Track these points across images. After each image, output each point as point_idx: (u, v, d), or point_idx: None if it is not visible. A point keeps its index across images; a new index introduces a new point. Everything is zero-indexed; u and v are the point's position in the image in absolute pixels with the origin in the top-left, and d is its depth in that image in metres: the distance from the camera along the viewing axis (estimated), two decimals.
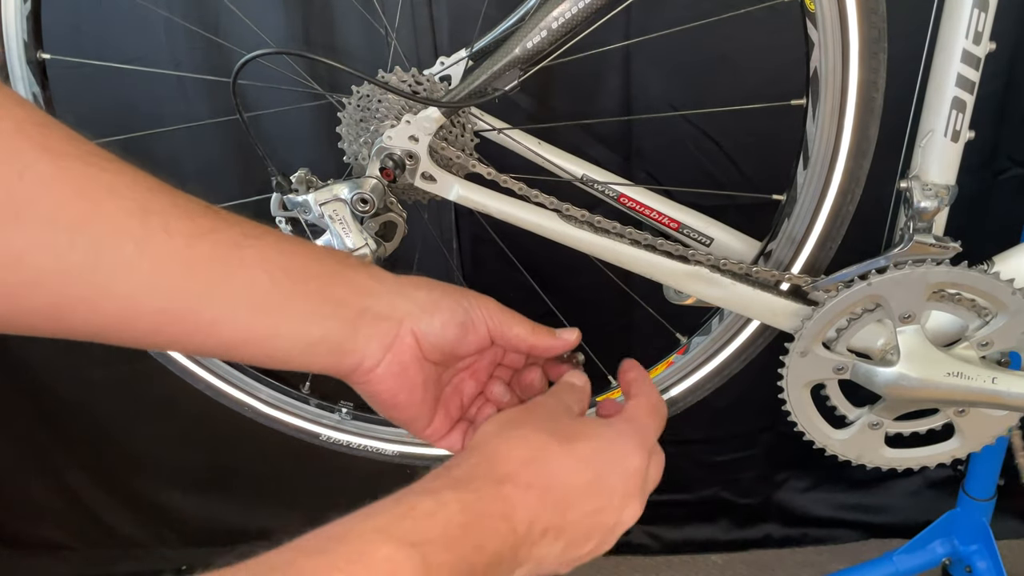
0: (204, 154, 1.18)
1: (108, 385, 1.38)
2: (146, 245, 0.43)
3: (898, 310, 0.73)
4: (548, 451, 0.49)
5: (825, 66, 0.69)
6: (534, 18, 0.68)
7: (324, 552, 0.39)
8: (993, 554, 1.21)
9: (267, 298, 0.48)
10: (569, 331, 0.59)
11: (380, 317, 0.51)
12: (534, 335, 0.58)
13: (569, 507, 0.49)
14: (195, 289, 0.45)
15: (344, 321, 0.50)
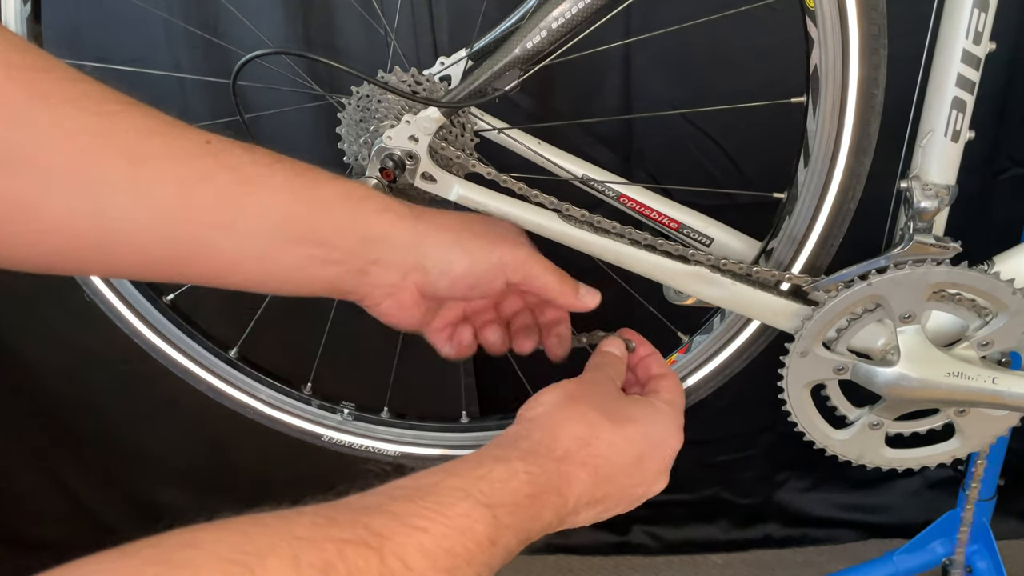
0: None
1: (108, 385, 1.38)
2: (140, 193, 0.44)
3: (898, 310, 0.73)
4: (602, 432, 0.52)
5: (825, 63, 0.69)
6: (534, 18, 0.68)
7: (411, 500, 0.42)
8: (993, 554, 1.21)
9: (271, 248, 0.48)
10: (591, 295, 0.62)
11: (389, 267, 0.52)
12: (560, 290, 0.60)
13: (612, 482, 0.53)
14: (194, 234, 0.46)
15: (352, 269, 0.51)
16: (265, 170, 0.47)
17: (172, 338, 0.87)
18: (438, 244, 0.54)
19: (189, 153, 0.45)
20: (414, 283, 0.54)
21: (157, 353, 0.88)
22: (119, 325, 0.87)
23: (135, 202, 0.44)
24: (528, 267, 0.58)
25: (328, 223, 0.49)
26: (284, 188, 0.48)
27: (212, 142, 0.46)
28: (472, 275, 0.55)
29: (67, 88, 0.42)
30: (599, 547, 1.54)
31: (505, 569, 1.46)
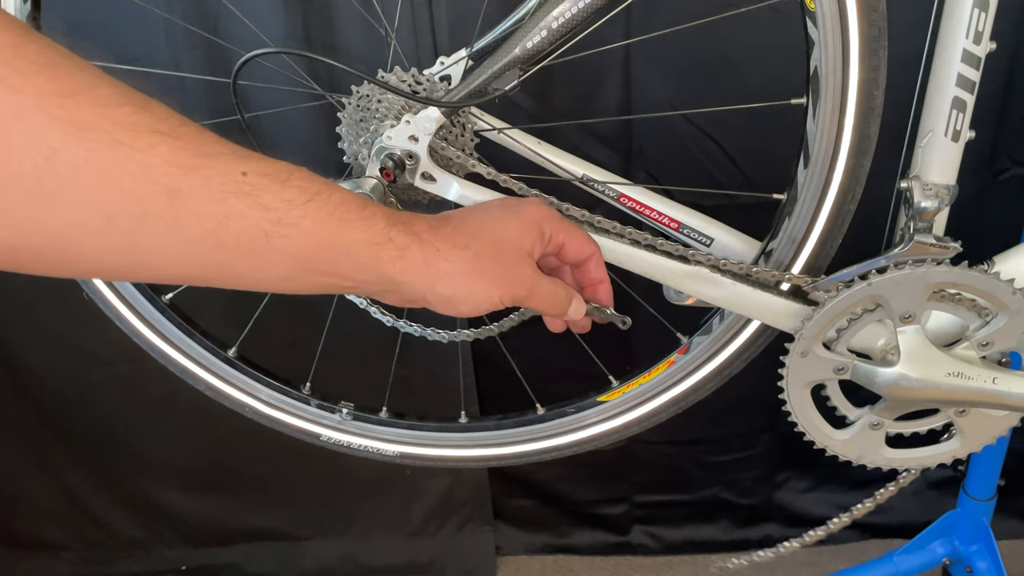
0: None
1: (108, 385, 1.38)
2: (176, 228, 0.45)
3: (898, 310, 0.73)
4: None
5: (825, 65, 0.69)
6: (534, 18, 0.68)
7: None
8: (993, 554, 1.21)
9: (291, 278, 0.51)
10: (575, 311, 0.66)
11: (397, 296, 0.57)
12: None
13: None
14: (224, 264, 0.48)
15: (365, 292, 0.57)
16: (298, 211, 0.49)
17: (171, 337, 0.87)
18: (446, 289, 0.57)
19: (227, 191, 0.46)
20: (422, 304, 0.58)
21: (156, 352, 0.88)
22: (118, 324, 0.87)
23: (168, 239, 0.45)
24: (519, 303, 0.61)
25: (348, 263, 0.52)
26: (314, 231, 0.50)
27: (249, 175, 0.47)
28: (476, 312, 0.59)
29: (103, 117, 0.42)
30: (599, 547, 1.54)
31: (505, 569, 1.47)
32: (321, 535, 1.53)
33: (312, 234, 0.50)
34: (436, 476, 1.49)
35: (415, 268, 0.55)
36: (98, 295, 0.86)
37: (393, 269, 0.54)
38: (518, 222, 0.62)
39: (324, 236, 0.50)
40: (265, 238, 0.48)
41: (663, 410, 0.86)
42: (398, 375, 1.00)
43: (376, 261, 0.53)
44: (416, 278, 0.56)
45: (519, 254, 0.61)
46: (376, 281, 0.55)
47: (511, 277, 0.60)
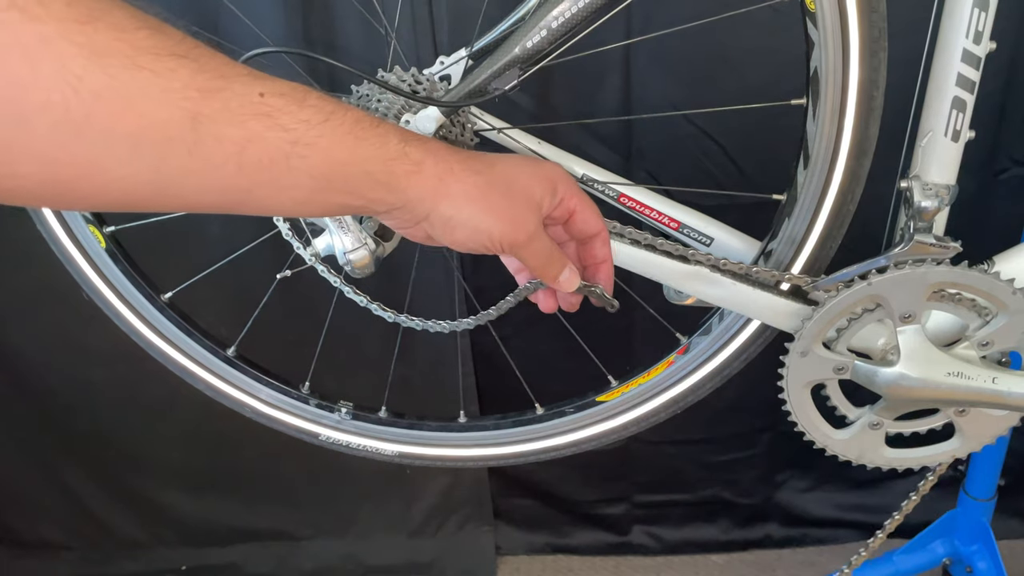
0: None
1: (108, 385, 1.38)
2: (198, 152, 0.45)
3: (898, 310, 0.73)
4: None
5: (825, 65, 0.69)
6: (534, 18, 0.68)
7: None
8: (994, 554, 1.21)
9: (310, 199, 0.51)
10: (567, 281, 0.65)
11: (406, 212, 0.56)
12: None
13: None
14: (246, 188, 0.49)
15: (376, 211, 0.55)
16: (315, 130, 0.50)
17: (170, 336, 0.87)
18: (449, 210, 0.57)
19: (245, 113, 0.47)
20: (423, 227, 0.58)
21: (155, 352, 0.88)
22: (118, 324, 0.87)
23: (192, 164, 0.46)
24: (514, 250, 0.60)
25: (363, 180, 0.53)
26: (331, 150, 0.50)
27: (266, 96, 0.48)
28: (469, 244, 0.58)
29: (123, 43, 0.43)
30: (599, 547, 1.54)
31: (505, 569, 1.47)
32: (321, 535, 1.53)
33: (329, 153, 0.50)
34: (436, 476, 1.49)
35: (427, 184, 0.55)
36: (98, 295, 0.86)
37: (407, 183, 0.54)
38: (535, 171, 0.61)
39: (341, 155, 0.51)
40: (285, 159, 0.48)
41: (662, 410, 0.86)
42: (398, 375, 1.00)
43: (391, 177, 0.54)
44: (426, 194, 0.55)
45: (528, 200, 0.60)
46: (387, 198, 0.54)
47: (515, 219, 0.59)
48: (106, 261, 0.85)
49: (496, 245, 0.58)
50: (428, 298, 1.20)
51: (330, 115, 0.51)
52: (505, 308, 0.78)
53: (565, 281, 0.63)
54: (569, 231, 0.65)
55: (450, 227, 0.57)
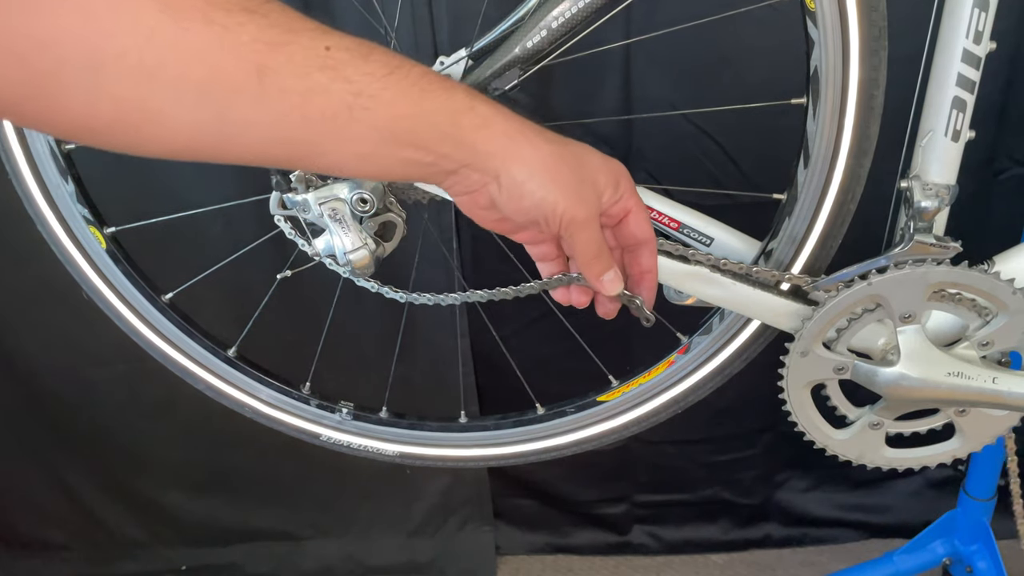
0: None
1: (108, 385, 1.38)
2: (263, 103, 0.47)
3: (898, 310, 0.73)
4: None
5: (825, 65, 0.69)
6: (534, 18, 0.68)
7: None
8: (994, 554, 1.21)
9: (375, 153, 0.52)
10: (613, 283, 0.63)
11: (474, 171, 0.55)
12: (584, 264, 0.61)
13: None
14: (310, 139, 0.50)
15: (443, 170, 0.55)
16: (379, 83, 0.50)
17: (171, 337, 0.87)
18: (522, 173, 0.56)
19: (309, 65, 0.48)
20: (489, 190, 0.57)
21: (156, 352, 0.88)
22: (119, 324, 0.87)
23: (256, 114, 0.48)
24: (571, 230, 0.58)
25: (429, 133, 0.53)
26: (395, 102, 0.51)
27: (332, 49, 0.49)
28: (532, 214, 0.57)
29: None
30: (599, 547, 1.54)
31: (505, 569, 1.47)
32: (321, 535, 1.53)
33: (393, 105, 0.51)
34: (436, 476, 1.49)
35: (497, 140, 0.55)
36: (98, 295, 0.86)
37: (475, 137, 0.54)
38: (603, 160, 0.60)
39: (405, 107, 0.51)
40: (348, 111, 0.49)
41: (663, 410, 0.86)
42: (398, 375, 1.00)
43: (458, 129, 0.53)
44: (496, 150, 0.55)
45: (593, 185, 0.59)
46: (454, 153, 0.54)
47: (581, 196, 0.58)
48: (107, 262, 0.85)
49: (556, 220, 0.57)
50: None
51: (395, 69, 0.51)
52: (525, 292, 0.76)
53: (609, 282, 0.62)
54: (619, 235, 0.64)
55: (519, 193, 0.56)
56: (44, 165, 0.81)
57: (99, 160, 0.88)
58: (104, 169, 0.93)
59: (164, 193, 1.20)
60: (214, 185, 1.19)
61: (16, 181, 0.81)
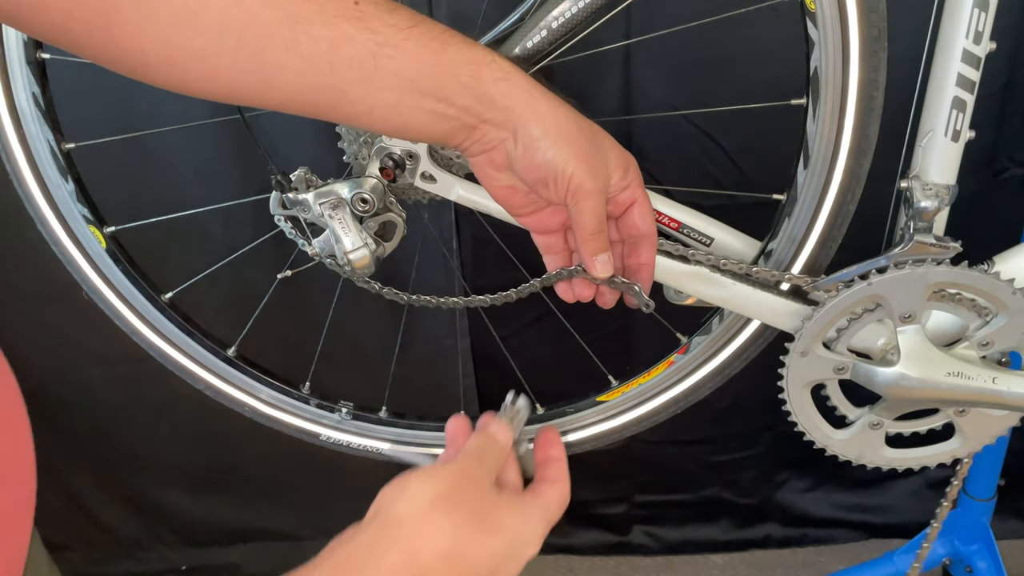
0: (204, 153, 1.18)
1: (108, 385, 1.38)
2: (295, 49, 0.51)
3: (898, 310, 0.73)
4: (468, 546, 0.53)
5: (825, 65, 0.69)
6: (534, 18, 0.68)
7: None
8: (993, 554, 1.21)
9: (400, 102, 0.54)
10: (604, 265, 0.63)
11: (494, 126, 0.57)
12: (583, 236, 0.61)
13: None
14: (338, 86, 0.53)
15: (463, 127, 0.56)
16: (402, 34, 0.53)
17: (171, 337, 0.87)
18: (538, 130, 0.57)
19: (339, 15, 0.51)
20: (506, 147, 0.58)
21: (156, 352, 0.88)
22: (118, 324, 0.87)
23: (289, 59, 0.51)
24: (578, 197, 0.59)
25: (451, 84, 0.55)
26: (417, 52, 0.53)
27: (360, 3, 0.52)
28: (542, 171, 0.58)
29: None
30: (599, 547, 1.54)
31: None
32: (321, 535, 1.52)
33: (416, 55, 0.53)
34: None
35: (517, 95, 0.56)
36: (98, 295, 0.86)
37: (495, 90, 0.55)
38: (615, 145, 0.61)
39: (427, 56, 0.54)
40: (373, 59, 0.52)
41: (663, 410, 0.86)
42: (398, 375, 1.00)
43: (478, 81, 0.55)
44: (515, 104, 0.56)
45: (605, 160, 0.60)
46: (475, 106, 0.55)
47: (592, 166, 0.58)
48: (107, 262, 0.85)
49: (565, 182, 0.58)
50: None
51: (419, 23, 0.54)
52: (526, 292, 0.76)
53: (602, 264, 0.63)
54: (622, 227, 0.65)
55: (535, 148, 0.57)
56: (44, 164, 0.81)
57: (99, 160, 0.88)
58: (104, 169, 0.93)
59: (164, 193, 1.20)
60: (216, 184, 1.19)
61: (16, 180, 0.81)
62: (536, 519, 0.58)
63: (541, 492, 0.61)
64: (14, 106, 0.78)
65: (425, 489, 0.54)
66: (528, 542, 0.57)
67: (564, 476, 0.63)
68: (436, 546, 0.52)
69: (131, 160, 1.17)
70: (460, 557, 0.52)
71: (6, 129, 0.79)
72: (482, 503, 0.55)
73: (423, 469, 0.55)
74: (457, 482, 0.55)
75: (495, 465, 0.60)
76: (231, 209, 1.15)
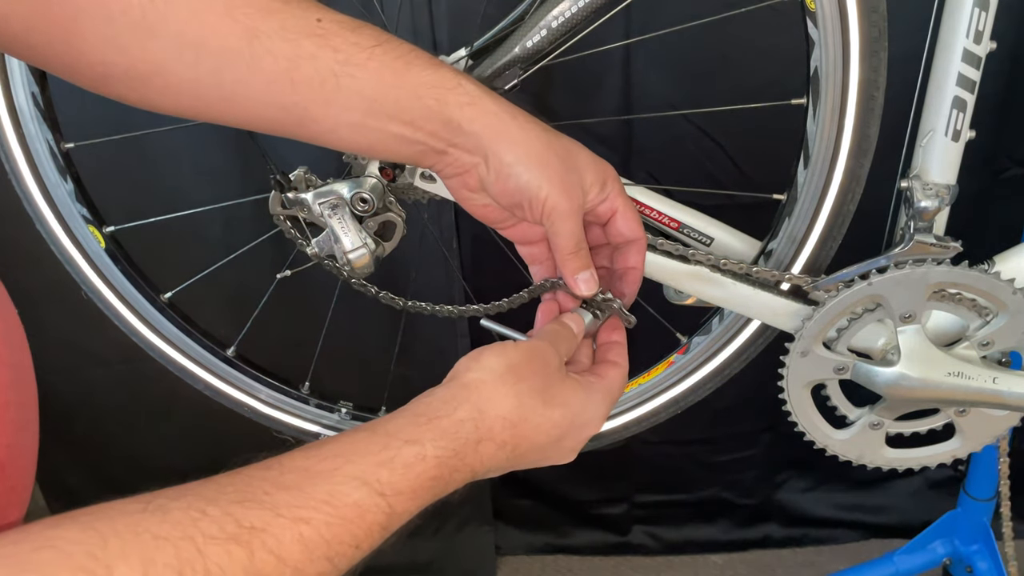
0: (203, 153, 1.18)
1: (108, 385, 1.38)
2: (255, 65, 0.50)
3: (898, 310, 0.73)
4: (531, 414, 0.53)
5: (825, 65, 0.69)
6: (534, 17, 0.68)
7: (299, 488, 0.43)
8: (994, 554, 1.21)
9: (363, 123, 0.53)
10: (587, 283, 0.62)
11: (463, 151, 0.56)
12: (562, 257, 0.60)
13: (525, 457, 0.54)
14: (301, 104, 0.52)
15: (432, 151, 0.56)
16: (365, 53, 0.52)
17: (170, 337, 0.87)
18: (510, 156, 0.56)
19: (300, 32, 0.51)
20: (478, 171, 0.57)
21: (155, 352, 0.88)
22: (118, 324, 0.87)
23: (249, 74, 0.50)
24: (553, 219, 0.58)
25: (416, 107, 0.54)
26: (380, 72, 0.53)
27: (323, 21, 0.52)
28: (516, 197, 0.57)
29: None
30: (599, 547, 1.54)
31: (505, 569, 1.46)
32: None
33: (378, 75, 0.52)
34: None
35: (485, 119, 0.55)
36: (97, 295, 0.86)
37: (461, 115, 0.54)
38: (591, 158, 0.60)
39: (389, 78, 0.53)
40: (335, 78, 0.51)
41: (662, 410, 0.86)
42: (397, 375, 1.00)
43: (443, 105, 0.54)
44: (484, 129, 0.55)
45: (580, 178, 0.59)
46: (441, 131, 0.54)
47: (566, 187, 0.58)
48: (106, 261, 0.85)
49: (539, 205, 0.57)
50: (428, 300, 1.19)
51: (383, 42, 0.53)
52: (517, 303, 0.77)
53: (584, 282, 0.62)
54: (608, 233, 0.64)
55: (507, 174, 0.56)
56: (43, 164, 0.81)
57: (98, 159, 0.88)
58: (103, 168, 0.93)
59: (163, 193, 1.20)
60: (216, 184, 1.19)
61: (15, 180, 0.81)
62: (599, 397, 0.58)
63: (604, 373, 0.61)
64: (13, 106, 0.78)
65: (498, 361, 0.54)
66: (590, 420, 0.57)
67: (624, 359, 0.64)
68: (501, 410, 0.52)
69: (130, 159, 1.17)
70: (523, 422, 0.53)
71: (5, 129, 0.79)
72: (548, 379, 0.55)
73: (499, 343, 0.56)
74: (528, 358, 0.55)
75: (567, 348, 0.60)
76: (231, 209, 1.15)
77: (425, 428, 0.49)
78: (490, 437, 0.51)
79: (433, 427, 0.49)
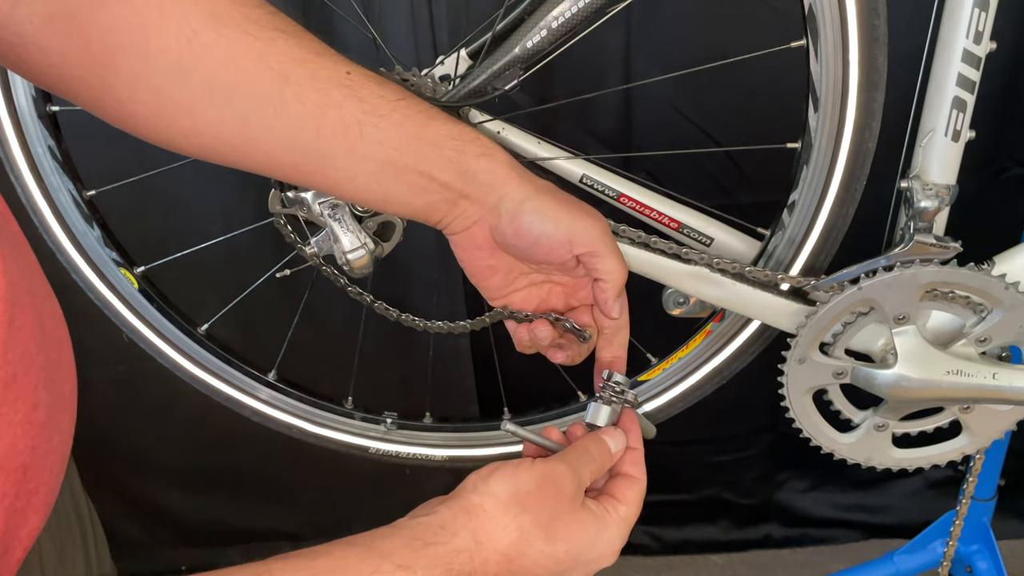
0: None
1: (108, 385, 1.38)
2: (283, 110, 0.52)
3: (892, 312, 0.73)
4: (531, 549, 0.51)
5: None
6: (534, 17, 0.68)
7: None
8: (994, 554, 1.21)
9: (382, 172, 0.55)
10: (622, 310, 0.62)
11: (474, 202, 0.57)
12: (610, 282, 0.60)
13: None
14: (322, 151, 0.53)
15: (444, 201, 0.57)
16: (390, 105, 0.54)
17: (212, 368, 0.88)
18: (519, 194, 0.57)
19: (330, 82, 0.52)
20: (488, 222, 0.58)
21: (200, 385, 0.89)
22: (160, 361, 0.88)
23: (276, 120, 0.52)
24: (597, 244, 0.59)
25: (435, 157, 0.55)
26: (402, 124, 0.54)
27: (352, 73, 0.53)
28: (537, 232, 0.57)
29: (237, 12, 0.50)
30: None
31: None
32: (321, 535, 1.52)
33: (401, 126, 0.54)
34: (436, 476, 1.48)
35: (500, 170, 0.57)
36: (138, 335, 0.86)
37: (477, 166, 0.56)
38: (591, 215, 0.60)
39: (412, 128, 0.54)
40: (359, 127, 0.53)
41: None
42: (397, 375, 1.00)
43: (461, 155, 0.56)
44: (497, 179, 0.57)
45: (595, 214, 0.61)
46: (455, 182, 0.56)
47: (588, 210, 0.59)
48: (141, 302, 0.86)
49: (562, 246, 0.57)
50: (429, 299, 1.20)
51: (407, 97, 0.55)
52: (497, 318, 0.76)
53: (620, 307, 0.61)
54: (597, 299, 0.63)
55: (519, 212, 0.56)
56: (69, 214, 0.82)
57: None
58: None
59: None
60: (216, 183, 1.19)
61: (46, 234, 0.83)
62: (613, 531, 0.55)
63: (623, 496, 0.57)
64: (32, 160, 0.79)
65: (505, 487, 0.52)
66: (600, 556, 0.54)
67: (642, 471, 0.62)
68: (498, 544, 0.50)
69: (130, 160, 1.16)
70: (521, 557, 0.51)
71: (30, 186, 0.81)
72: (558, 510, 0.52)
73: (512, 463, 0.53)
74: (538, 485, 0.52)
75: (592, 471, 0.57)
76: (230, 208, 1.15)
77: (420, 554, 0.49)
78: (484, 571, 0.50)
79: (428, 554, 0.49)
